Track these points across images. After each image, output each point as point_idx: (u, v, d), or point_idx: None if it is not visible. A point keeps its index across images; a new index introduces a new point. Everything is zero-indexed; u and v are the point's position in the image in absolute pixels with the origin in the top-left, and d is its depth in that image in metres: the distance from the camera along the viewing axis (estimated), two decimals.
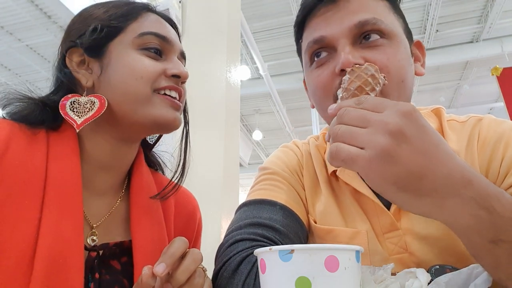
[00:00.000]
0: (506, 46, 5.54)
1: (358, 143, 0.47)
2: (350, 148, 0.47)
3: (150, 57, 0.68)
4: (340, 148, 0.48)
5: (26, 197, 0.55)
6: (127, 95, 0.65)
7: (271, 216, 0.69)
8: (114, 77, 0.65)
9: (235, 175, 2.20)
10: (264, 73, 5.50)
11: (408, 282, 0.48)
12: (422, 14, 5.16)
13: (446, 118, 0.75)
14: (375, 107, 0.48)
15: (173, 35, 0.73)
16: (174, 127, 0.69)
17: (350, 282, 0.40)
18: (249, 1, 4.74)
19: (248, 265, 0.60)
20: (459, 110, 7.55)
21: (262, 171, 0.82)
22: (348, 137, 0.48)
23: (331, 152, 0.49)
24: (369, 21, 0.64)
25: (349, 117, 0.49)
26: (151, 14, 0.73)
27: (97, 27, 0.67)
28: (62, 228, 0.55)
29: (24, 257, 0.51)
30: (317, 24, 0.69)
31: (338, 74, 0.64)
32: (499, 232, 0.44)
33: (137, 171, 0.74)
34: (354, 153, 0.46)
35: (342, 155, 0.47)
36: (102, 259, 0.63)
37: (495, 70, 4.89)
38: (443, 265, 0.54)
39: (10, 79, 6.07)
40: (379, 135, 0.45)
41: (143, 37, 0.67)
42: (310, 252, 0.39)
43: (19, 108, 0.65)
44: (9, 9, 4.63)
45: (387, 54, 0.64)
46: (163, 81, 0.67)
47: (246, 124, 8.40)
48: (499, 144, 0.65)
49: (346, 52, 0.63)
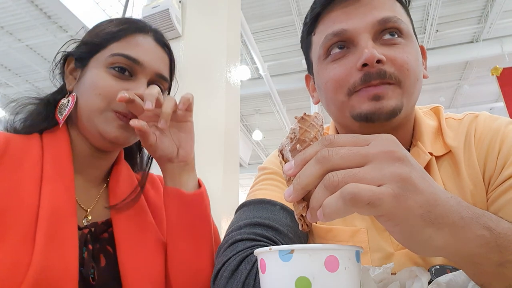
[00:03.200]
0: (506, 46, 5.54)
1: (372, 181, 0.39)
2: (371, 187, 0.38)
3: (115, 76, 0.74)
4: (361, 189, 0.37)
5: (25, 189, 0.65)
6: (86, 104, 0.74)
7: (271, 216, 0.69)
8: (82, 87, 0.75)
9: (235, 175, 2.20)
10: (264, 73, 5.50)
11: (408, 282, 0.48)
12: (422, 14, 5.16)
13: (444, 116, 0.76)
14: (355, 142, 0.42)
15: (150, 58, 0.77)
16: (117, 143, 0.75)
17: (350, 282, 0.40)
18: (249, 1, 4.74)
19: (248, 265, 0.60)
20: (459, 110, 7.56)
21: (261, 171, 0.82)
22: (354, 179, 0.39)
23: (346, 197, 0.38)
24: (391, 18, 0.65)
25: (339, 158, 0.40)
26: (140, 36, 0.78)
27: (86, 42, 0.78)
28: (58, 213, 0.65)
29: (27, 236, 0.60)
30: (337, 16, 0.68)
31: (360, 69, 0.64)
32: (504, 252, 0.42)
33: (115, 170, 0.84)
34: (378, 192, 0.38)
35: (365, 197, 0.37)
36: (95, 235, 0.73)
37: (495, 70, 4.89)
38: (444, 265, 0.54)
39: (10, 79, 6.07)
40: (391, 166, 0.39)
41: (113, 57, 0.74)
42: (310, 252, 0.39)
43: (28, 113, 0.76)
44: (9, 9, 4.63)
45: (406, 52, 0.65)
46: (121, 105, 0.72)
47: (246, 124, 8.40)
48: (495, 139, 0.67)
49: (370, 47, 0.63)
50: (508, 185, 0.62)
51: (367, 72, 0.63)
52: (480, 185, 0.66)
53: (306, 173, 0.42)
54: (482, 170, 0.67)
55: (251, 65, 6.13)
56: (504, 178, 0.63)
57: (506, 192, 0.62)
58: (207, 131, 2.11)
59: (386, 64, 0.63)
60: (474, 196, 0.66)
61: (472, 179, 0.67)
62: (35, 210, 0.63)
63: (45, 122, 0.75)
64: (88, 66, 0.76)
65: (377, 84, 0.63)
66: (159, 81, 0.80)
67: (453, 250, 0.42)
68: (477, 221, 0.42)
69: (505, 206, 0.62)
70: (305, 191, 0.42)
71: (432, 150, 0.70)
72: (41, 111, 0.76)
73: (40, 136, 0.74)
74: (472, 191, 0.66)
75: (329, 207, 0.39)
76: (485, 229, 0.41)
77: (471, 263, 0.43)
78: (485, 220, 0.42)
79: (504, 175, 0.63)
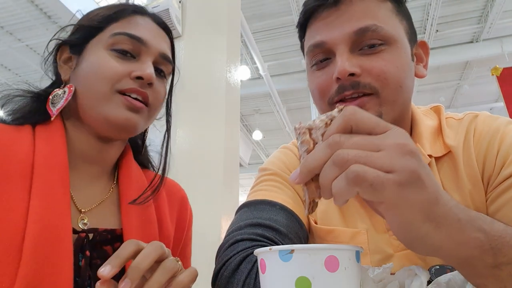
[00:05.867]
0: (506, 46, 5.54)
1: (382, 166, 0.39)
2: (377, 171, 0.38)
3: (118, 57, 0.68)
4: (366, 170, 0.38)
5: (13, 186, 0.57)
6: (89, 92, 0.67)
7: (271, 217, 0.69)
8: (82, 73, 0.69)
9: (235, 175, 2.20)
10: (264, 73, 5.50)
11: (407, 281, 0.48)
12: (422, 14, 5.16)
13: (445, 116, 0.76)
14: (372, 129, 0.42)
15: (153, 37, 0.72)
16: (127, 127, 0.68)
17: (350, 282, 0.40)
18: (249, 1, 4.74)
19: (248, 264, 0.60)
20: (459, 110, 7.50)
21: (262, 172, 0.82)
22: (364, 161, 0.39)
23: (350, 176, 0.38)
24: (369, 27, 0.64)
25: (352, 142, 0.40)
26: (139, 16, 0.73)
27: (81, 27, 0.72)
28: (50, 213, 0.57)
29: (12, 243, 0.53)
30: (318, 27, 0.69)
31: (335, 81, 0.64)
32: (498, 254, 0.42)
33: (125, 166, 0.76)
34: (383, 176, 0.38)
35: (370, 177, 0.38)
36: (94, 243, 0.65)
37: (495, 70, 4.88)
38: (444, 265, 0.55)
39: (10, 79, 6.07)
40: (402, 157, 0.39)
41: (115, 37, 0.68)
42: (310, 252, 0.39)
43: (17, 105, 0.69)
44: (9, 9, 4.63)
45: (385, 60, 0.64)
46: (127, 83, 0.67)
47: (246, 124, 8.40)
48: (495, 138, 0.67)
49: (344, 59, 0.63)
50: (507, 184, 0.62)
51: (341, 84, 0.64)
52: (479, 185, 0.66)
53: (314, 156, 0.42)
54: (481, 170, 0.67)
55: (251, 65, 6.13)
56: (503, 177, 0.63)
57: (506, 192, 0.62)
58: (207, 131, 2.11)
59: (362, 75, 0.63)
60: (473, 196, 0.66)
61: (471, 179, 0.67)
62: (23, 210, 0.56)
63: (35, 115, 0.69)
64: (85, 51, 0.70)
65: (351, 95, 0.64)
66: (163, 63, 0.74)
67: (449, 251, 0.42)
68: (472, 224, 0.42)
69: (504, 206, 0.62)
70: (311, 174, 0.43)
71: (432, 152, 0.70)
72: (30, 103, 0.70)
73: (33, 129, 0.67)
74: (471, 191, 0.66)
75: (334, 186, 0.40)
76: (479, 232, 0.42)
77: (466, 264, 0.44)
78: (480, 223, 0.43)
79: (504, 175, 0.63)
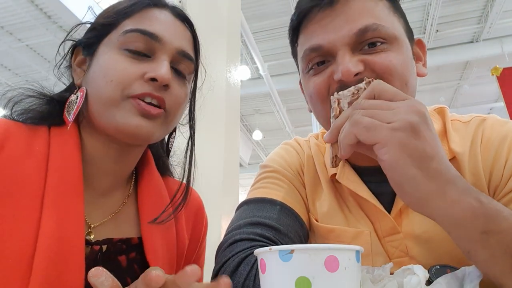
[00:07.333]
0: (506, 46, 5.54)
1: (383, 119, 0.48)
2: (373, 120, 0.49)
3: (131, 58, 0.61)
4: (364, 117, 0.49)
5: (25, 196, 0.54)
6: (98, 97, 0.61)
7: (271, 215, 0.68)
8: (92, 76, 0.63)
9: (235, 175, 2.20)
10: (264, 73, 5.50)
11: (406, 279, 0.48)
12: (422, 14, 5.16)
13: (450, 118, 0.73)
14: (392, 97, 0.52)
15: (170, 32, 0.65)
16: (138, 136, 0.61)
17: (350, 282, 0.40)
18: (249, 1, 4.74)
19: (247, 266, 0.60)
20: (459, 110, 7.55)
21: (263, 169, 0.82)
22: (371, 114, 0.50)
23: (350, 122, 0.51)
24: (370, 27, 0.62)
25: (369, 104, 0.52)
26: (155, 9, 0.66)
27: (94, 25, 0.66)
28: (62, 228, 0.54)
29: (23, 257, 0.50)
30: (314, 30, 0.66)
31: (337, 82, 0.63)
32: (490, 222, 0.45)
33: (146, 174, 0.72)
34: (377, 123, 0.48)
35: (364, 121, 0.49)
36: (108, 255, 0.62)
37: (495, 70, 4.89)
38: (444, 265, 0.54)
39: (10, 79, 6.07)
40: (407, 114, 0.48)
41: (126, 35, 0.62)
42: (310, 252, 0.39)
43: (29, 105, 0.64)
44: (9, 9, 4.63)
45: (389, 56, 0.62)
46: (139, 86, 0.61)
47: (246, 124, 8.39)
48: (503, 145, 0.63)
49: (346, 61, 0.61)
50: None
51: (342, 84, 0.62)
52: None
53: (340, 117, 0.56)
54: (487, 179, 0.64)
55: (251, 65, 6.12)
56: (510, 188, 0.60)
57: None
58: (207, 131, 2.11)
59: (365, 72, 0.62)
60: None
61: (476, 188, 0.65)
62: (35, 221, 0.53)
63: (49, 117, 0.64)
64: (97, 52, 0.64)
65: None
66: (183, 61, 0.66)
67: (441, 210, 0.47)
68: (469, 192, 0.47)
69: None
70: (338, 132, 0.54)
71: None
72: (44, 105, 0.65)
73: (48, 131, 0.62)
74: None
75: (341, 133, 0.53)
76: (475, 200, 0.46)
77: (457, 225, 0.47)
78: (478, 195, 0.47)
79: (511, 186, 0.60)
